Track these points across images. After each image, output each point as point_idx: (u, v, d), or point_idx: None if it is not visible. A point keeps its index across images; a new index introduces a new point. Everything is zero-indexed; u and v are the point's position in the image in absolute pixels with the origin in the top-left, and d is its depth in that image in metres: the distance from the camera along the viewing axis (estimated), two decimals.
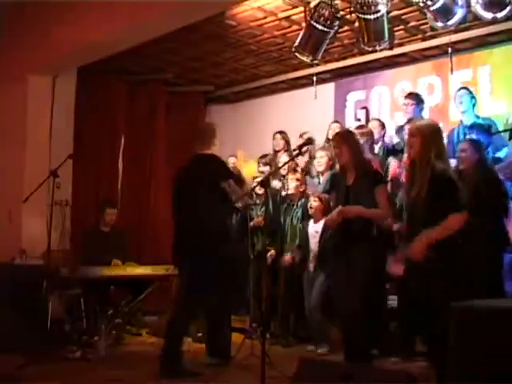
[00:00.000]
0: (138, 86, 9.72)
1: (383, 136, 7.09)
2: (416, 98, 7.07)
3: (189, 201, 5.50)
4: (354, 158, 5.21)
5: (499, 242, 5.60)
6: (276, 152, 8.19)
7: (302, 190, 7.01)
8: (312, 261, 6.58)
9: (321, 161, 7.05)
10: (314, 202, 6.58)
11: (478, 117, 6.66)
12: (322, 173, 7.13)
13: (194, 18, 6.52)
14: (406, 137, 6.05)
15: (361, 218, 5.06)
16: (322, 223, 6.49)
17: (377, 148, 6.96)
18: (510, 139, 5.66)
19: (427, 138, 4.50)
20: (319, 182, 7.17)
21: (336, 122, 7.96)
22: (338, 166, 7.01)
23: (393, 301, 6.13)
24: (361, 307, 4.90)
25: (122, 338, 6.93)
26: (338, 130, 7.44)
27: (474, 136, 6.17)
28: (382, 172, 5.90)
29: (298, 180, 6.98)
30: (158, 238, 9.24)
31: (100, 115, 9.10)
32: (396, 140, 7.03)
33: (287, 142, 8.24)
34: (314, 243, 6.60)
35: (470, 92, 6.73)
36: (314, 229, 6.62)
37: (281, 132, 8.34)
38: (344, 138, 5.34)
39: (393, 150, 6.82)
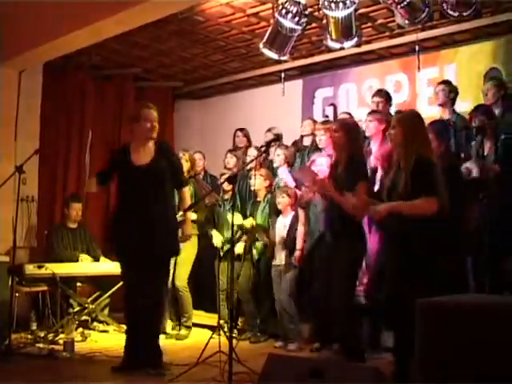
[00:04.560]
0: (105, 81, 9.65)
1: None
2: (385, 95, 7.11)
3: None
4: (347, 148, 5.22)
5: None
6: (240, 148, 8.24)
7: (267, 185, 7.04)
8: (279, 254, 6.65)
9: (276, 159, 7.19)
10: (281, 198, 6.65)
11: (454, 111, 6.65)
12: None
13: (162, 14, 6.49)
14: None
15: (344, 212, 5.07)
16: (289, 217, 6.62)
17: None
18: (476, 136, 5.72)
19: (407, 127, 4.51)
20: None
21: (309, 118, 8.01)
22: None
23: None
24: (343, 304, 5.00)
25: (89, 335, 6.89)
26: (310, 127, 7.55)
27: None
28: None
29: (261, 175, 7.01)
30: None
31: (67, 110, 9.02)
32: None
33: (248, 139, 8.31)
34: (280, 237, 6.65)
35: (450, 85, 6.71)
36: (282, 223, 6.67)
37: (241, 129, 8.40)
38: (344, 125, 5.35)
39: None
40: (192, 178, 7.19)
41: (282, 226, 6.67)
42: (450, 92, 6.65)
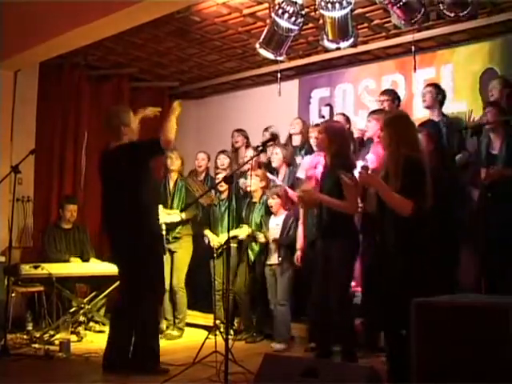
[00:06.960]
0: (101, 80, 9.62)
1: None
2: (392, 94, 7.09)
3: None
4: (333, 150, 5.25)
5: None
6: (236, 149, 8.23)
7: (262, 185, 7.03)
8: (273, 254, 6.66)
9: (275, 157, 7.23)
10: (272, 200, 6.68)
11: (443, 114, 6.68)
12: (277, 169, 7.28)
13: (158, 13, 6.48)
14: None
15: (330, 206, 5.10)
16: (282, 216, 6.66)
17: None
18: (471, 136, 5.73)
19: (394, 129, 4.51)
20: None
21: (298, 118, 8.05)
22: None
23: (357, 297, 6.23)
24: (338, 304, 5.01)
25: (85, 336, 6.88)
26: (299, 125, 7.57)
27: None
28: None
29: (257, 176, 7.00)
30: None
31: (63, 110, 8.99)
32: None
33: (247, 139, 8.30)
34: (273, 237, 6.64)
35: (437, 88, 6.75)
36: (275, 222, 6.69)
37: (239, 130, 8.39)
38: (327, 129, 5.38)
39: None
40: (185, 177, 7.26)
41: (274, 225, 6.71)
42: (438, 94, 6.67)
